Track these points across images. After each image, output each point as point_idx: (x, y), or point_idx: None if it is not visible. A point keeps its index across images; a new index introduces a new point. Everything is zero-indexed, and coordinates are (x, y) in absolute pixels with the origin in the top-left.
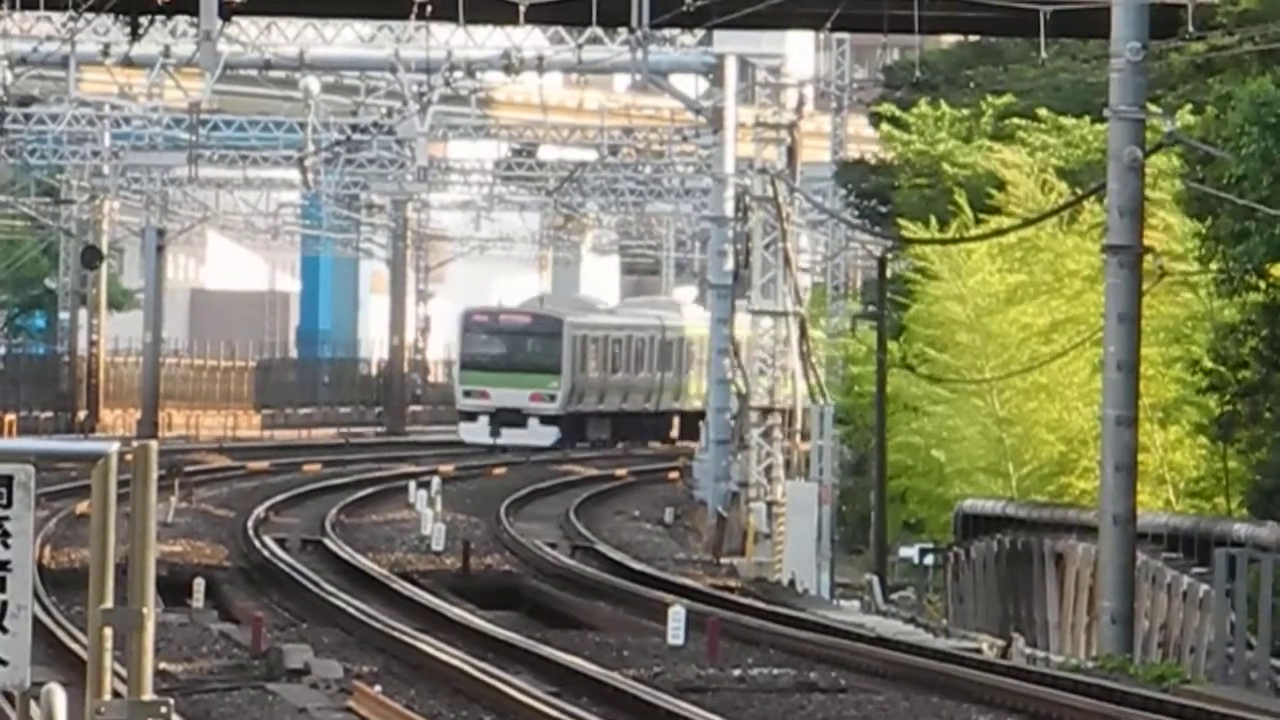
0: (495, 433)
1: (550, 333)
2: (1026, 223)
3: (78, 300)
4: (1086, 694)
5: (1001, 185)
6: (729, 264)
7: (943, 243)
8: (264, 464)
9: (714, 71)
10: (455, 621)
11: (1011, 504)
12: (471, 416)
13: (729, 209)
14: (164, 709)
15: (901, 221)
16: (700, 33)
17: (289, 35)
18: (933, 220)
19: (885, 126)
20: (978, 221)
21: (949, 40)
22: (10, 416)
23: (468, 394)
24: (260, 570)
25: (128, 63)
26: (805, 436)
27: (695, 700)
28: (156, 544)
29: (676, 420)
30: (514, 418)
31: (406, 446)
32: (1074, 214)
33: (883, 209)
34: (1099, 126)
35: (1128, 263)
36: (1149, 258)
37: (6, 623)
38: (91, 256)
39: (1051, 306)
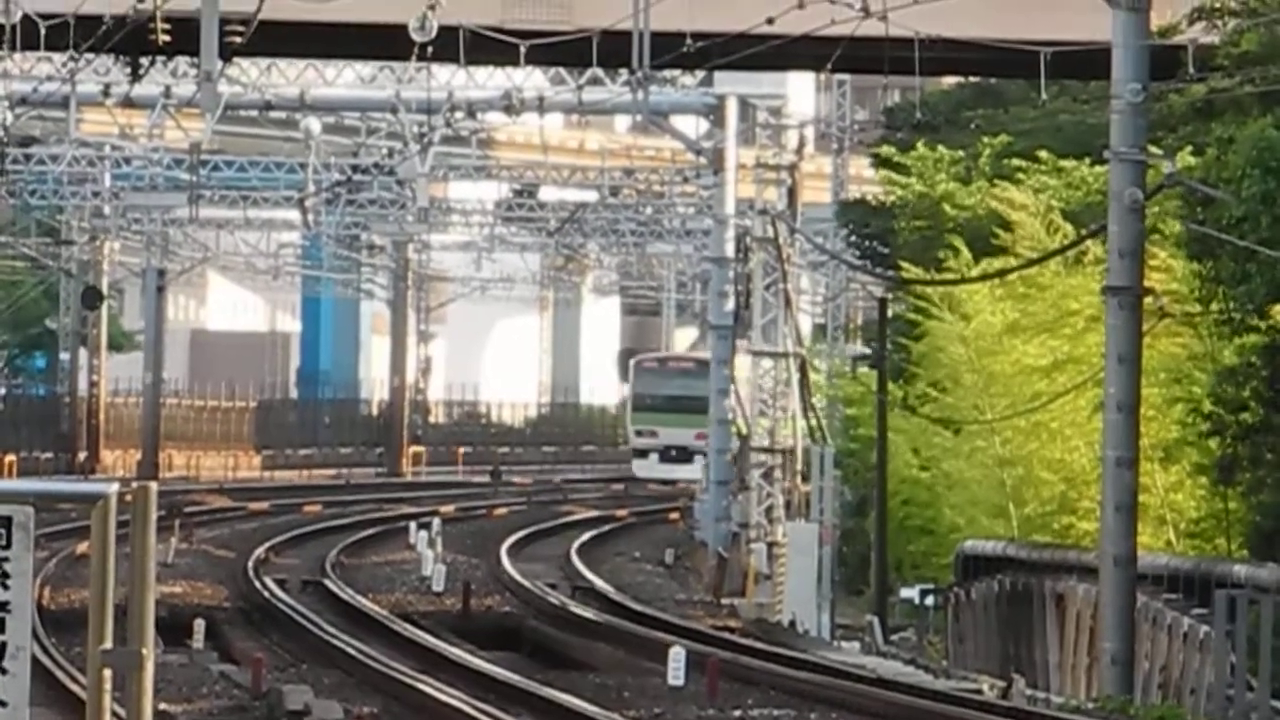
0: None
1: None
2: (1028, 264)
3: (78, 341)
4: None
5: (1004, 225)
6: (730, 305)
7: (943, 284)
8: (264, 505)
9: (715, 112)
10: (455, 662)
11: (1012, 545)
12: (643, 454)
13: (730, 250)
14: None
15: (903, 263)
16: (701, 74)
17: (290, 76)
18: (933, 261)
19: (884, 170)
20: (978, 261)
21: (949, 81)
22: (10, 457)
23: (639, 433)
24: (260, 611)
25: (128, 103)
26: (806, 477)
27: None
28: (156, 585)
29: None
30: (681, 454)
31: (407, 487)
32: (1079, 254)
33: (884, 250)
34: (1099, 168)
35: (1128, 304)
36: (1149, 299)
37: (6, 663)
38: (92, 297)
39: (1052, 346)
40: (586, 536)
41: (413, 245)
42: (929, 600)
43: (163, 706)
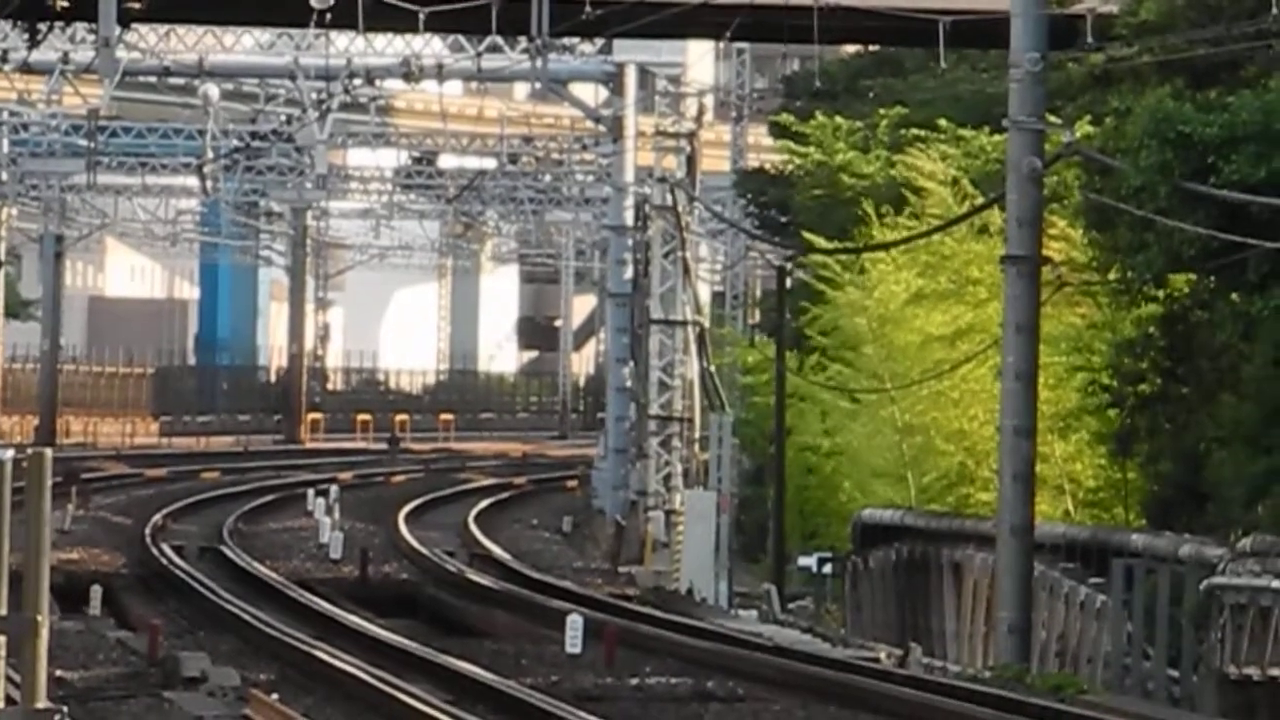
0: None
1: None
2: (927, 232)
3: None
4: (983, 704)
5: (904, 194)
6: (628, 273)
7: (842, 252)
8: (162, 471)
9: (614, 80)
10: (352, 629)
11: (909, 513)
12: None
13: (628, 218)
14: (58, 716)
15: (806, 233)
16: (600, 41)
17: (188, 42)
18: (834, 230)
19: (782, 140)
20: (878, 230)
21: (849, 50)
22: None
23: None
24: (157, 578)
25: (26, 69)
26: (704, 445)
27: (593, 709)
28: (52, 551)
29: None
30: None
31: (305, 454)
32: (983, 223)
33: (782, 218)
34: (998, 137)
35: (1026, 273)
36: (1048, 268)
37: None
38: None
39: (955, 314)
40: (485, 504)
41: (311, 212)
42: (826, 569)
43: (58, 673)
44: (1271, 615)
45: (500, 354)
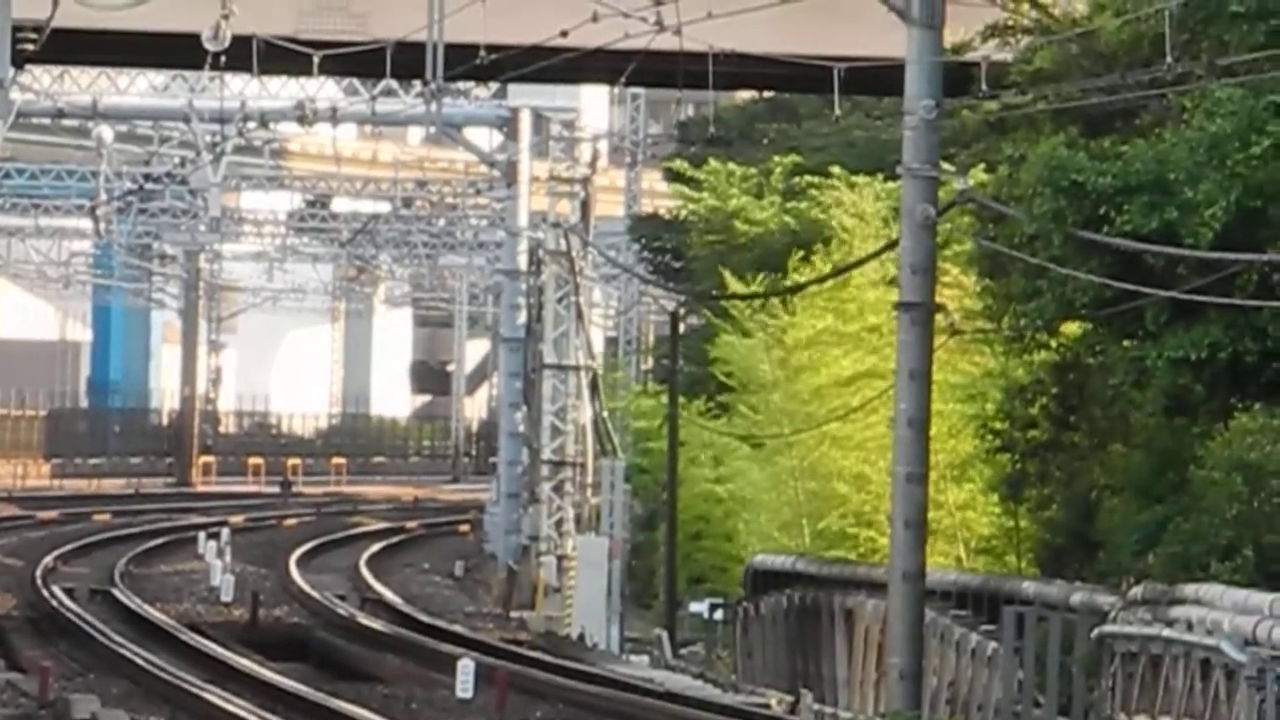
0: None
1: None
2: (818, 279)
3: None
4: None
5: (798, 240)
6: (522, 317)
7: (733, 298)
8: (53, 513)
9: (508, 125)
10: (243, 673)
11: (801, 559)
12: None
13: (522, 262)
14: None
15: (724, 275)
16: (495, 86)
17: (82, 84)
18: (730, 274)
19: (676, 185)
20: (771, 276)
21: (743, 96)
22: None
23: None
24: (48, 619)
25: None
26: (596, 490)
27: None
28: None
29: None
30: None
31: (197, 497)
32: (884, 268)
33: (676, 264)
34: (892, 184)
35: (919, 320)
36: (941, 315)
37: None
38: None
39: (855, 359)
40: (376, 548)
41: (204, 255)
42: (718, 614)
43: None
44: (1162, 663)
45: (393, 398)
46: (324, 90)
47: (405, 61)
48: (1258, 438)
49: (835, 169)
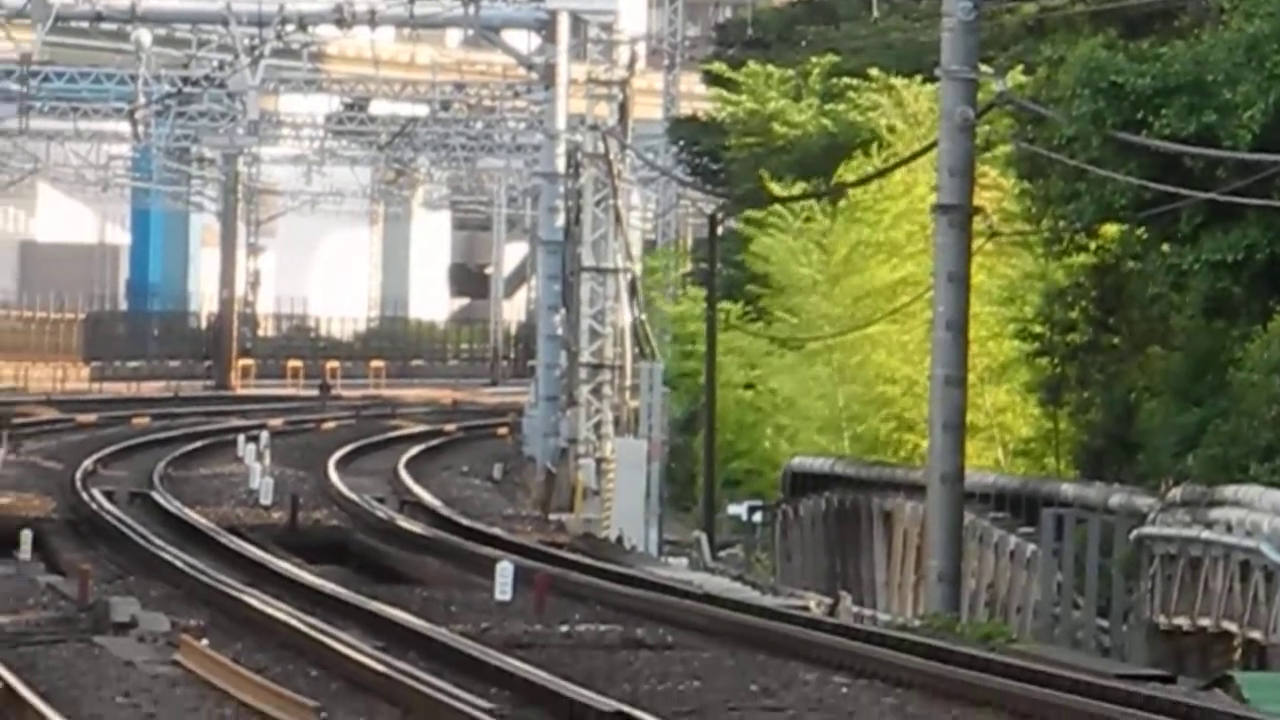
0: None
1: None
2: (860, 181)
3: None
4: (913, 652)
5: (837, 143)
6: (560, 220)
7: (773, 200)
8: (92, 417)
9: (546, 27)
10: (282, 576)
11: (840, 462)
12: None
13: (560, 165)
14: None
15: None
16: None
17: None
18: (766, 177)
19: (715, 88)
20: (810, 179)
21: None
22: None
23: None
24: (88, 523)
25: None
26: (635, 393)
27: (522, 656)
28: None
29: None
30: None
31: (235, 400)
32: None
33: (714, 166)
34: (930, 86)
35: (957, 222)
36: (979, 218)
37: None
38: None
39: (893, 264)
40: (415, 451)
41: (243, 158)
42: (756, 517)
43: None
44: (1201, 565)
45: (431, 301)
46: None
47: None
48: None
49: (874, 71)
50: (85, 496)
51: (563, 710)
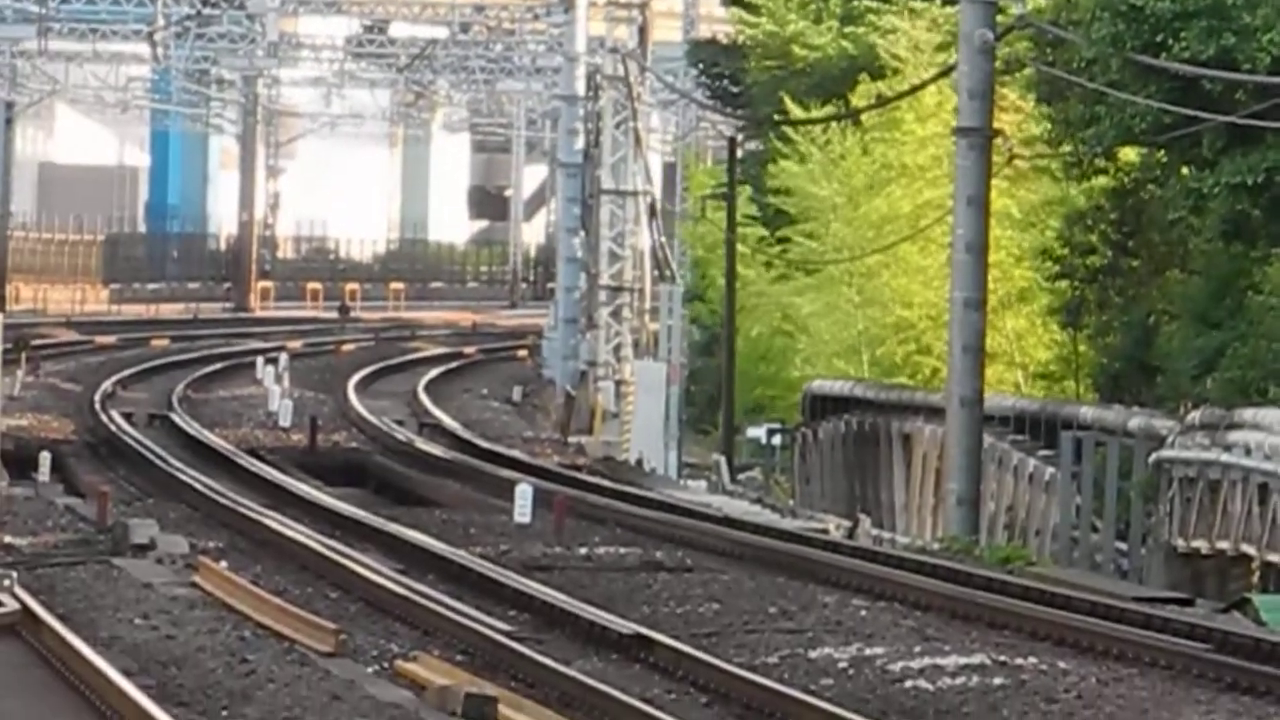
0: None
1: None
2: (878, 104)
3: None
4: (932, 575)
5: (858, 66)
6: (579, 143)
7: (793, 123)
8: (111, 339)
9: None
10: (301, 498)
11: (860, 385)
12: None
13: (580, 88)
14: (7, 581)
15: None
16: None
17: None
18: (783, 101)
19: (734, 9)
20: (831, 103)
21: None
22: None
23: None
24: (107, 445)
25: None
26: (654, 316)
27: (542, 579)
28: (2, 417)
29: None
30: None
31: (255, 323)
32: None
33: (734, 90)
34: (950, 9)
35: (977, 145)
36: (999, 141)
37: None
38: None
39: (914, 190)
40: (434, 373)
41: (262, 80)
42: (775, 440)
43: (8, 539)
44: (1219, 489)
45: (450, 223)
46: None
47: None
48: None
49: None
50: (104, 418)
51: (581, 632)
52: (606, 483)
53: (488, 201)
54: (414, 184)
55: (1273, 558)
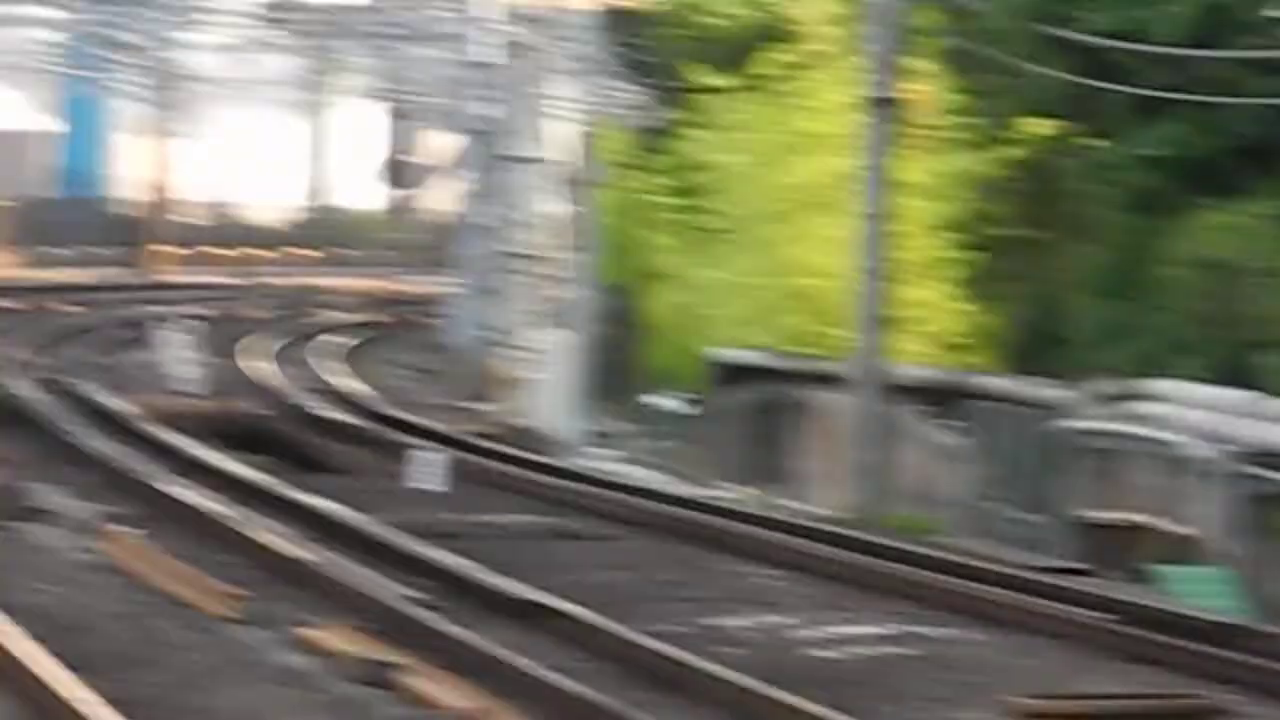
0: None
1: None
2: (779, 73)
3: None
4: (837, 544)
5: (770, 35)
6: (490, 110)
7: (698, 91)
8: (23, 304)
9: None
10: (207, 465)
11: (765, 354)
12: None
13: (491, 55)
14: None
15: (666, 72)
16: None
17: None
18: (694, 70)
19: None
20: (737, 72)
21: None
22: None
23: None
24: (13, 411)
25: None
26: (562, 284)
27: (449, 545)
28: None
29: None
30: None
31: (163, 288)
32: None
33: (646, 59)
34: None
35: (885, 116)
36: (907, 112)
37: None
38: None
39: (821, 159)
40: (342, 340)
41: (170, 45)
42: (681, 409)
43: None
44: (1123, 459)
45: (361, 191)
46: None
47: None
48: (1220, 235)
49: None
50: (9, 385)
51: (484, 599)
52: (511, 450)
53: (397, 170)
54: (323, 151)
55: (1175, 529)
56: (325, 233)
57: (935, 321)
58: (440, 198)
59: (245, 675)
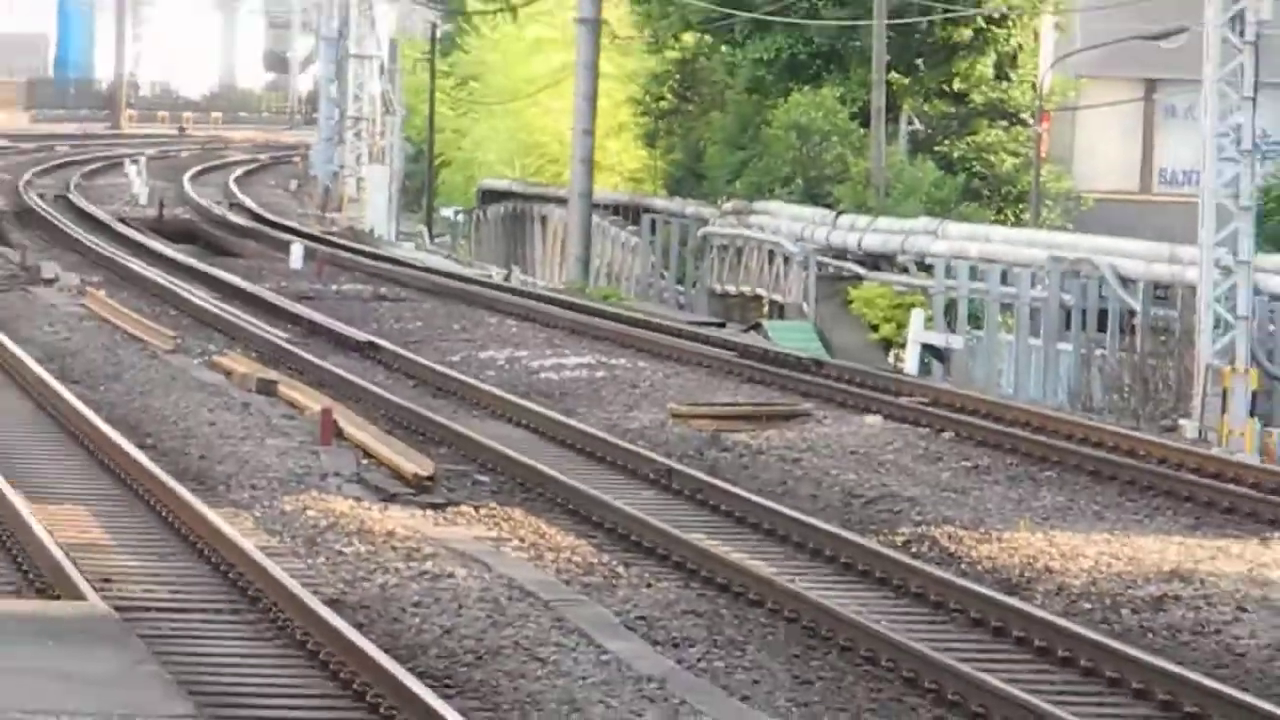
0: None
1: None
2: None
3: None
4: (556, 305)
5: None
6: (335, 22)
7: (474, 14)
8: (32, 146)
9: None
10: (153, 250)
11: (515, 183)
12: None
13: None
14: None
15: None
16: None
17: None
18: None
19: None
20: None
21: None
22: None
23: None
24: (26, 213)
25: None
26: (383, 136)
27: (309, 304)
28: None
29: None
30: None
31: (124, 138)
32: None
33: None
34: None
35: (591, 30)
36: (605, 26)
37: None
38: None
39: (549, 58)
40: (240, 172)
41: None
42: (460, 218)
43: None
44: (743, 252)
45: (253, 74)
46: None
47: None
48: (805, 108)
49: None
50: (25, 197)
51: (334, 340)
52: (350, 244)
53: (277, 61)
54: (229, 46)
55: (775, 297)
56: (228, 100)
57: (623, 163)
58: (303, 79)
59: (177, 387)
